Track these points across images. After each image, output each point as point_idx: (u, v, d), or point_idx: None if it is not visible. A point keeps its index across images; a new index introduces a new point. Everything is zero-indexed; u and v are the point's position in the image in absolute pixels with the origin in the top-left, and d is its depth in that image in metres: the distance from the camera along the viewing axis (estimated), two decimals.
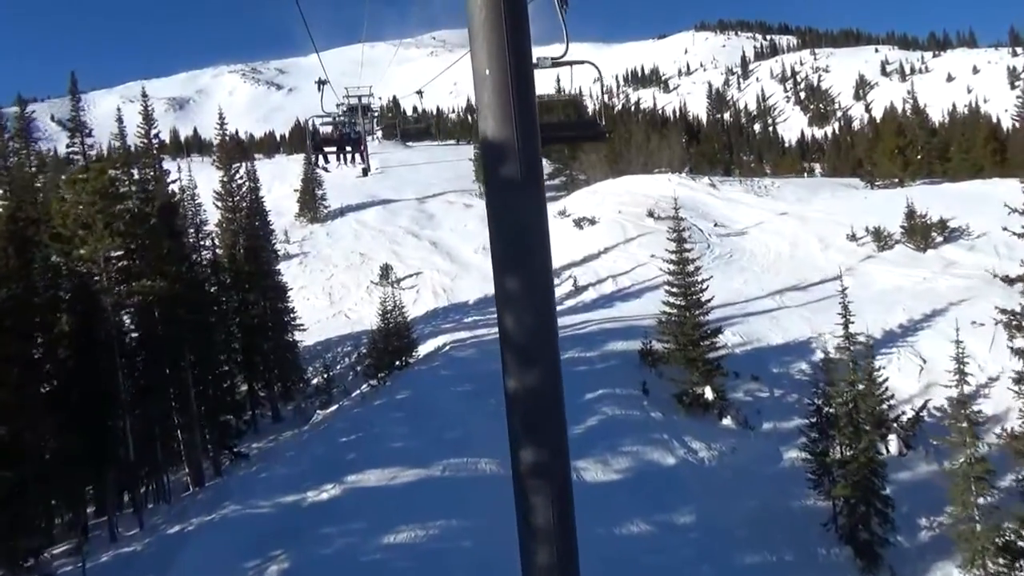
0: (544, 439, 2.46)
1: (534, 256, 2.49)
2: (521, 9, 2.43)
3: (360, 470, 14.62)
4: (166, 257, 17.53)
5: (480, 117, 2.50)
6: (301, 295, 41.43)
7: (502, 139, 2.40)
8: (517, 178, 2.43)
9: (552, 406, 2.47)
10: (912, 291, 27.72)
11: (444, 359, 23.69)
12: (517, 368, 2.51)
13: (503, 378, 2.46)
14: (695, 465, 17.01)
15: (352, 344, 34.10)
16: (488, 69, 2.38)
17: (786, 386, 22.24)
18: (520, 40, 2.45)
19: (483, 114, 2.46)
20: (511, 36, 2.40)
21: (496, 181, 2.46)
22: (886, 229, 33.21)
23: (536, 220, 2.50)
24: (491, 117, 2.41)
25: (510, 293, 2.49)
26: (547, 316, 2.53)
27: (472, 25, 2.44)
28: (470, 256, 43.78)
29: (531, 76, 2.52)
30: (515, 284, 2.49)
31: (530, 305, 2.49)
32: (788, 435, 19.91)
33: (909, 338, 23.75)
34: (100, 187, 15.47)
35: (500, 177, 2.45)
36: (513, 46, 2.41)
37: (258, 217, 31.48)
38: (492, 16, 2.36)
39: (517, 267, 2.48)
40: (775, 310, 27.75)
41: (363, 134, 19.92)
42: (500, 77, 2.38)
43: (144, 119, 22.09)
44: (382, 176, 66.12)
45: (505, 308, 2.52)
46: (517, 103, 2.41)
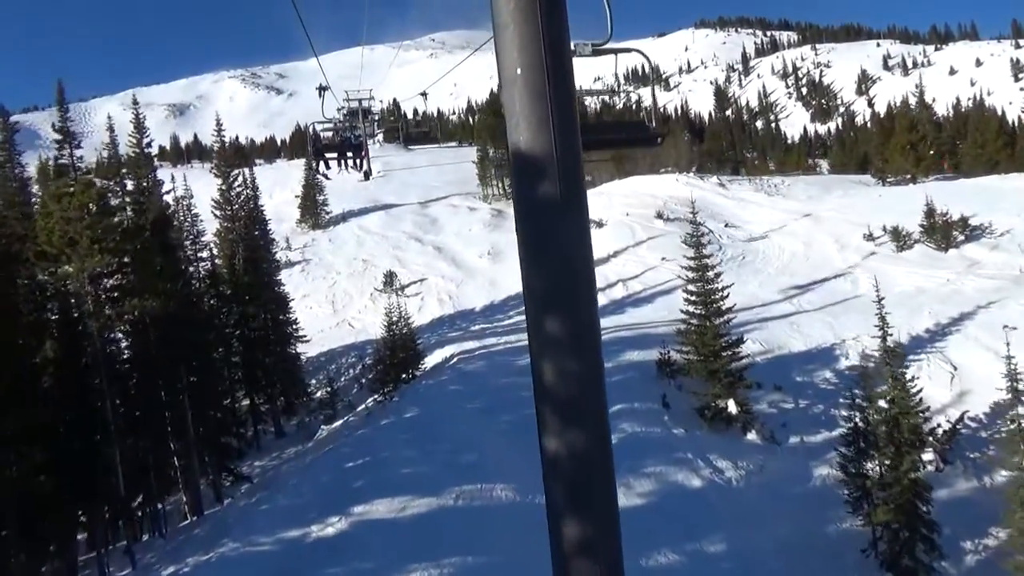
0: (592, 512, 2.11)
1: (578, 293, 2.21)
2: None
3: (367, 500, 13.69)
4: (159, 274, 16.63)
5: (509, 127, 2.20)
6: (303, 304, 40.57)
7: (537, 151, 2.11)
8: (556, 199, 2.12)
9: (601, 472, 2.14)
10: (936, 293, 26.70)
11: (452, 373, 22.76)
12: (558, 427, 2.19)
13: (539, 437, 2.15)
14: (722, 486, 16.04)
15: (356, 354, 33.19)
16: (519, 67, 2.08)
17: (811, 396, 21.26)
18: (557, 30, 2.13)
19: (514, 122, 2.16)
20: (547, 26, 2.09)
21: (530, 202, 2.18)
22: (904, 228, 32.21)
23: (580, 250, 2.20)
24: (524, 126, 2.11)
25: (549, 338, 2.20)
26: (594, 365, 2.22)
27: (498, 15, 2.14)
28: (475, 261, 42.87)
29: (571, 74, 2.20)
30: (556, 327, 2.21)
31: (574, 351, 2.19)
32: (816, 450, 18.95)
33: (938, 343, 22.73)
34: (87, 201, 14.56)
35: (535, 198, 2.16)
36: (549, 38, 2.09)
37: (258, 226, 30.58)
38: (524, 3, 2.04)
39: (558, 307, 2.18)
40: (794, 314, 26.76)
41: (364, 139, 19.49)
42: (534, 76, 2.08)
43: (136, 128, 21.18)
44: (384, 180, 65.22)
45: (543, 355, 2.21)
46: (555, 108, 2.10)
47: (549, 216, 2.19)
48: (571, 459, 2.20)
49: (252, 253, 28.67)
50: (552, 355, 2.23)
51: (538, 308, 2.23)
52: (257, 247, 29.61)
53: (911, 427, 13.62)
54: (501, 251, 43.65)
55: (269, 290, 29.21)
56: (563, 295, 2.21)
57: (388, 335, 25.84)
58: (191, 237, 26.44)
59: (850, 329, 24.62)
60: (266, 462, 24.92)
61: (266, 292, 28.73)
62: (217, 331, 26.00)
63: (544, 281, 2.23)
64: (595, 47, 3.36)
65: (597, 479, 2.18)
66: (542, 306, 2.22)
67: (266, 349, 28.04)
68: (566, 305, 2.22)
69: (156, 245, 16.99)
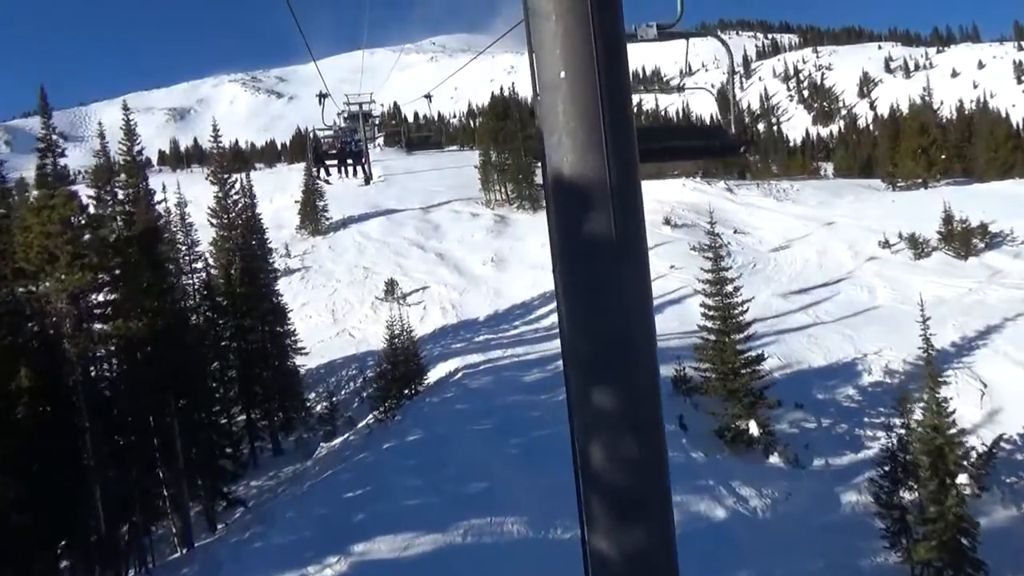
0: None
1: (636, 359, 1.81)
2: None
3: (369, 536, 12.71)
4: (146, 291, 15.69)
5: (548, 145, 1.85)
6: (303, 312, 39.60)
7: (586, 178, 1.76)
8: (611, 240, 1.78)
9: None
10: (959, 304, 25.72)
11: (457, 390, 21.79)
12: (613, 525, 1.79)
13: (585, 531, 1.79)
14: (747, 517, 15.05)
15: (357, 366, 32.20)
16: (563, 70, 1.76)
17: (833, 415, 20.28)
18: (611, 22, 1.79)
19: (554, 140, 1.81)
20: (599, 17, 1.76)
21: (576, 244, 1.83)
22: (921, 235, 31.25)
23: (640, 308, 1.83)
24: (569, 145, 1.77)
25: (600, 417, 1.82)
26: (655, 451, 1.84)
27: (537, 3, 1.79)
28: (478, 269, 41.91)
29: (627, 78, 1.83)
30: (608, 402, 1.81)
31: (631, 435, 1.80)
32: (843, 474, 17.97)
33: (965, 358, 21.75)
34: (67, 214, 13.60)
35: (583, 238, 1.81)
36: (602, 31, 1.75)
37: (255, 235, 29.60)
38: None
39: (610, 378, 1.80)
40: (811, 326, 25.79)
41: (365, 144, 18.92)
42: (583, 81, 1.74)
43: (126, 134, 20.24)
44: (385, 185, 64.24)
45: (592, 437, 1.84)
46: (609, 121, 1.75)
47: (601, 263, 1.81)
48: (628, 565, 1.81)
49: (249, 263, 27.71)
50: (603, 438, 1.85)
51: (585, 378, 1.86)
52: (254, 256, 28.66)
53: (955, 459, 12.62)
54: (504, 259, 42.70)
55: (267, 301, 28.24)
56: (618, 364, 1.82)
57: (390, 348, 24.87)
58: (186, 246, 25.51)
59: (871, 342, 23.68)
60: (263, 482, 23.94)
61: (263, 303, 27.75)
62: (213, 345, 25.05)
63: (594, 346, 1.84)
64: (662, 29, 2.82)
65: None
66: (591, 376, 1.84)
67: (264, 363, 27.07)
68: (621, 376, 1.82)
69: (144, 260, 16.04)
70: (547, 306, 35.27)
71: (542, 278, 38.51)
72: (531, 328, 32.57)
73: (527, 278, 38.80)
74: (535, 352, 26.35)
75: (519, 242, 45.25)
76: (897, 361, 22.11)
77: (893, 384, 21.05)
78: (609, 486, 1.83)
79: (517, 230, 48.48)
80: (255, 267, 28.24)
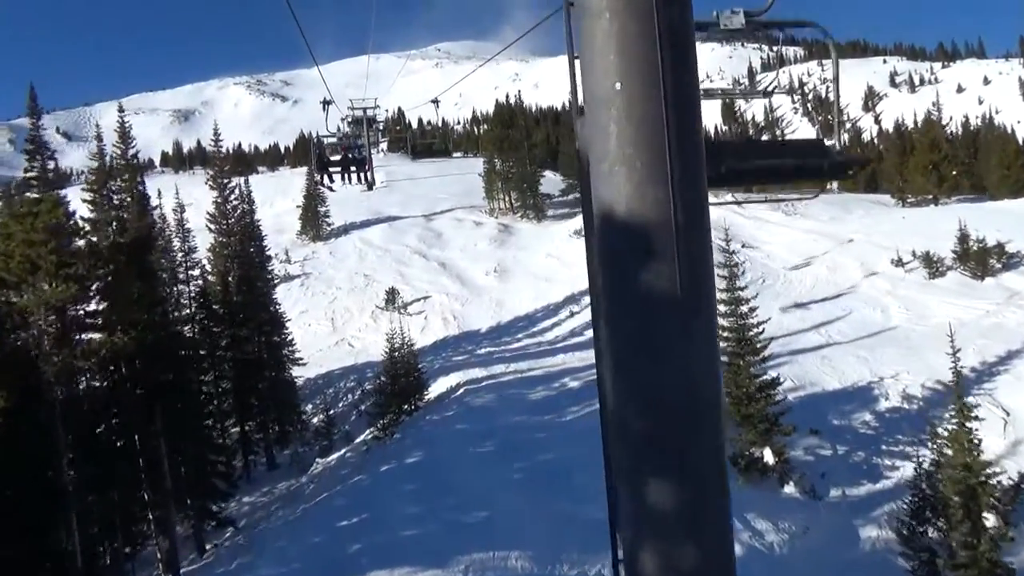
0: None
1: (700, 437, 1.57)
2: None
3: (364, 571, 11.95)
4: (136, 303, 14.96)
5: (595, 173, 1.59)
6: (302, 320, 38.93)
7: (645, 216, 1.47)
8: (674, 292, 1.50)
9: None
10: (978, 327, 24.94)
11: (459, 407, 21.05)
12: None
13: None
14: (764, 554, 14.26)
15: (356, 378, 31.45)
16: (619, 80, 1.48)
17: (850, 442, 19.48)
18: (680, 19, 1.51)
19: (604, 167, 1.54)
20: (664, 11, 1.47)
21: (629, 293, 1.55)
22: (936, 253, 30.54)
23: (706, 370, 1.57)
24: (624, 174, 1.49)
25: (653, 510, 1.57)
26: (721, 552, 1.61)
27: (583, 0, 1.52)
28: (481, 279, 41.23)
29: (697, 86, 1.57)
30: (663, 491, 1.56)
31: (691, 533, 1.57)
32: (860, 506, 17.18)
33: (986, 385, 20.96)
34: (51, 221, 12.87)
35: (639, 287, 1.53)
36: (668, 31, 1.46)
37: (254, 242, 28.91)
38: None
39: (667, 458, 1.53)
40: (824, 347, 25.04)
41: (368, 150, 18.77)
42: (645, 92, 1.45)
43: (121, 137, 19.56)
44: (387, 191, 63.71)
45: (644, 537, 1.60)
46: (676, 142, 1.47)
47: (661, 319, 1.53)
48: None
49: (247, 271, 27.02)
50: (658, 543, 1.57)
51: (636, 459, 1.58)
52: (252, 264, 27.96)
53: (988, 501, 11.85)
54: (508, 269, 42.03)
55: (264, 310, 27.52)
56: (677, 444, 1.55)
57: (389, 362, 24.13)
58: (183, 252, 24.83)
59: (887, 365, 22.91)
60: (256, 498, 23.15)
61: (261, 313, 27.03)
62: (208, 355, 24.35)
63: (649, 420, 1.56)
64: (750, 17, 2.45)
65: None
66: (643, 458, 1.57)
67: (260, 374, 26.31)
68: (681, 460, 1.55)
69: (133, 270, 15.33)
70: (550, 319, 34.58)
71: (545, 290, 37.85)
72: (534, 342, 31.86)
73: (530, 289, 38.13)
74: (539, 368, 25.62)
75: (523, 252, 44.61)
76: (915, 386, 21.34)
77: (912, 410, 20.29)
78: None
79: (521, 240, 47.84)
80: (253, 275, 27.55)
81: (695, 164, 1.56)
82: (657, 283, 1.54)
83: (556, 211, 55.70)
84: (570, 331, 32.06)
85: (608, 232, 1.59)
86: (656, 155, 1.48)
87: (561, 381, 22.77)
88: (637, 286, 1.56)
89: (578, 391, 21.48)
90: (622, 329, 1.63)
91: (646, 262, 1.53)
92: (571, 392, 21.44)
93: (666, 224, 1.50)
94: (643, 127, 1.49)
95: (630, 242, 1.54)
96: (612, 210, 1.55)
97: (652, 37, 1.46)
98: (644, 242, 1.52)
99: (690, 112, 1.55)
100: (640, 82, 1.47)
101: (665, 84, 1.47)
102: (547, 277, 39.34)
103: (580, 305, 34.23)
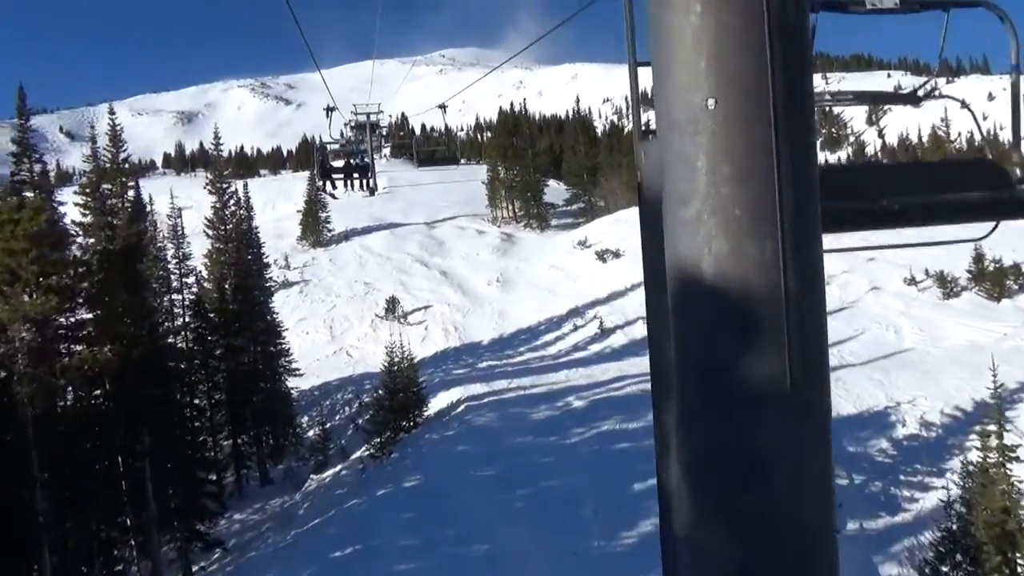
0: None
1: (818, 569, 1.28)
2: None
3: None
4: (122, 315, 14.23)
5: (673, 219, 1.25)
6: (300, 328, 38.23)
7: (746, 282, 1.16)
8: (782, 378, 1.17)
9: None
10: (996, 350, 24.10)
11: (460, 426, 20.27)
12: None
13: None
14: None
15: (353, 390, 30.68)
16: (712, 96, 1.15)
17: (867, 471, 18.71)
18: (794, 13, 1.17)
19: (688, 215, 1.20)
20: (776, 4, 1.14)
21: (720, 382, 1.21)
22: (950, 273, 29.84)
23: (819, 485, 1.30)
24: (715, 225, 1.16)
25: None
26: None
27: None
28: (483, 289, 40.50)
29: (812, 106, 1.23)
30: None
31: None
32: (879, 540, 16.39)
33: (1008, 412, 20.15)
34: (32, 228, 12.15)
35: (734, 376, 1.20)
36: (780, 28, 1.14)
37: (251, 249, 28.20)
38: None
39: None
40: (838, 368, 24.25)
41: (371, 156, 18.79)
42: (749, 113, 1.13)
43: (112, 140, 18.88)
44: (389, 197, 63.13)
45: None
46: (791, 180, 1.16)
47: (762, 423, 1.21)
48: None
49: (243, 279, 26.30)
50: None
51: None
52: (250, 272, 27.24)
53: None
54: (511, 279, 41.33)
55: (260, 320, 26.78)
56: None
57: (388, 377, 23.39)
58: (177, 259, 24.14)
59: (903, 389, 22.16)
60: (247, 515, 22.36)
61: (257, 323, 26.30)
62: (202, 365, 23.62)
63: (736, 552, 1.25)
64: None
65: None
66: None
67: (255, 385, 25.55)
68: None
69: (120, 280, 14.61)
70: (553, 332, 33.87)
71: (549, 301, 37.16)
72: (537, 356, 31.12)
73: (533, 301, 37.43)
74: (542, 384, 24.88)
75: (526, 262, 43.94)
76: (933, 412, 20.59)
77: (930, 439, 19.54)
78: None
79: (524, 249, 47.19)
80: (250, 283, 26.84)
81: (810, 210, 1.20)
82: (758, 374, 1.19)
83: (559, 221, 55.08)
84: (573, 346, 31.33)
85: (689, 302, 1.25)
86: (762, 197, 1.13)
87: (565, 400, 22.00)
88: (730, 377, 1.20)
89: (583, 412, 20.73)
90: (705, 433, 1.28)
91: (744, 345, 1.19)
92: (575, 413, 20.69)
93: (773, 293, 1.16)
94: (745, 160, 1.14)
95: (721, 317, 1.20)
96: (696, 272, 1.21)
97: (759, 37, 1.11)
98: (742, 317, 1.18)
99: (806, 139, 1.19)
100: (742, 98, 1.12)
101: (776, 102, 1.11)
102: (550, 288, 38.64)
103: (584, 319, 33.54)
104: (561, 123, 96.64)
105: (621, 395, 22.06)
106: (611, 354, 29.24)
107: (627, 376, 24.79)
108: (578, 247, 43.00)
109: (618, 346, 30.05)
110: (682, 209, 1.22)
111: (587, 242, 42.70)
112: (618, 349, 29.72)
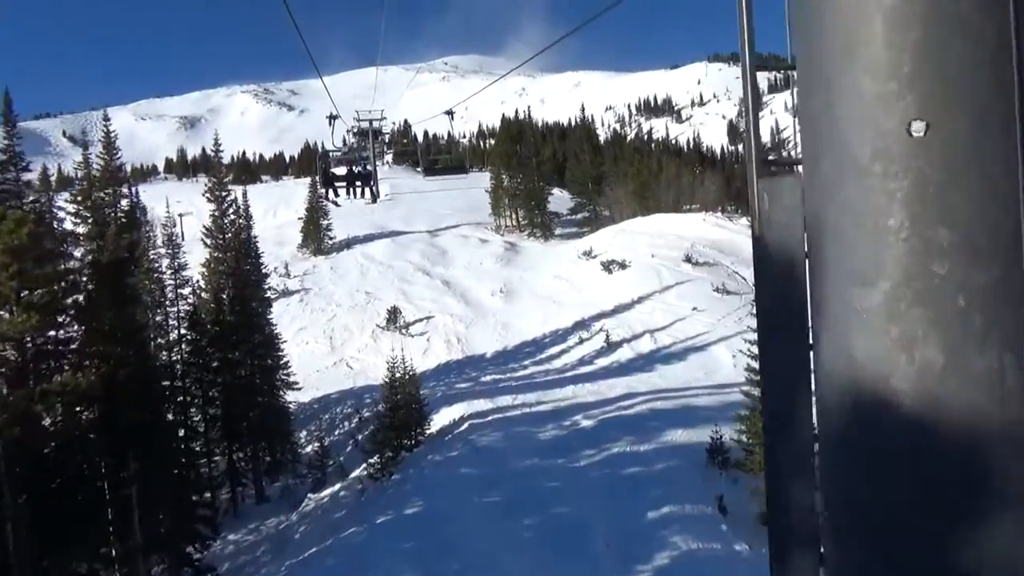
0: None
1: None
2: None
3: None
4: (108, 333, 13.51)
5: (835, 310, 0.97)
6: (299, 338, 37.50)
7: (967, 421, 0.87)
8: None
9: None
10: None
11: (463, 447, 19.49)
12: None
13: None
14: None
15: (353, 403, 29.91)
16: (922, 117, 0.84)
17: None
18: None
19: (867, 298, 0.91)
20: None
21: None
22: None
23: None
24: (922, 329, 0.86)
25: None
26: None
27: None
28: (487, 300, 39.75)
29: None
30: None
31: None
32: None
33: None
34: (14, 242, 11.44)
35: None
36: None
37: (250, 259, 27.50)
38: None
39: None
40: None
41: (374, 164, 18.54)
42: (983, 144, 0.83)
43: (105, 147, 18.21)
44: (392, 204, 62.53)
45: None
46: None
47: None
48: None
49: (242, 290, 25.58)
50: None
51: None
52: (248, 283, 26.52)
53: None
54: (514, 290, 40.58)
55: (258, 332, 26.04)
56: None
57: (390, 392, 22.64)
58: (172, 270, 23.43)
59: None
60: (241, 536, 21.56)
61: (254, 335, 25.55)
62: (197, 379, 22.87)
63: None
64: None
65: None
66: None
67: (251, 399, 24.77)
68: None
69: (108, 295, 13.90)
70: (558, 345, 33.10)
71: (553, 313, 36.42)
72: (542, 369, 30.34)
73: (537, 312, 36.69)
74: (548, 401, 24.11)
75: (529, 272, 43.22)
76: None
77: None
78: None
79: (527, 259, 46.48)
80: (248, 294, 26.11)
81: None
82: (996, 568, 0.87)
83: (564, 230, 54.40)
84: (579, 359, 30.54)
85: (866, 440, 0.90)
86: (1003, 281, 0.81)
87: (572, 419, 21.23)
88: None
89: (591, 431, 19.96)
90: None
91: (969, 520, 0.87)
92: (584, 432, 19.91)
93: (1018, 433, 0.83)
94: (977, 219, 0.81)
95: (927, 472, 0.88)
96: (883, 393, 0.85)
97: (1000, 26, 0.77)
98: (965, 475, 0.86)
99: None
100: (972, 122, 0.80)
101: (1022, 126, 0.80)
102: (555, 299, 37.88)
103: (589, 332, 32.77)
104: (564, 131, 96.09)
105: (631, 414, 21.29)
106: (618, 369, 28.46)
107: (636, 394, 24.01)
108: (583, 257, 42.30)
109: (625, 360, 29.27)
110: (860, 292, 0.89)
111: (592, 252, 42.00)
112: (625, 364, 28.94)
